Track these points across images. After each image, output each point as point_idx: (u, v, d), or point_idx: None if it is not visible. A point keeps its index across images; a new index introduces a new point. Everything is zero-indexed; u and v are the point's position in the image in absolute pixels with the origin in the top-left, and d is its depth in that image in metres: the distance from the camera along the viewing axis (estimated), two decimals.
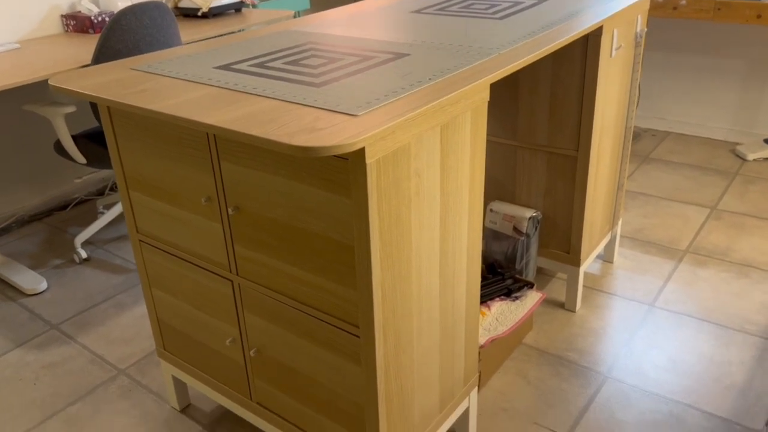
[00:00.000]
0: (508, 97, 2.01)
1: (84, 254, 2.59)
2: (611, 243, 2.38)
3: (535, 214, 2.04)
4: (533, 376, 1.88)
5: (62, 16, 2.78)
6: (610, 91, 1.95)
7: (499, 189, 2.15)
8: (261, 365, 1.45)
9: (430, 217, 1.25)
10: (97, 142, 2.39)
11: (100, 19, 2.70)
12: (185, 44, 1.66)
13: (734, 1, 2.85)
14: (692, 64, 3.44)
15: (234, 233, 1.32)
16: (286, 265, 1.26)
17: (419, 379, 1.37)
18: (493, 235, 2.14)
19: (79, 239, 2.60)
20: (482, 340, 1.77)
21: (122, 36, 2.15)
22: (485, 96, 1.31)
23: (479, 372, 1.79)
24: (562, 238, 2.07)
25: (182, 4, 2.97)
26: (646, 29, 3.51)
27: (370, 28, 1.72)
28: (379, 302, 1.16)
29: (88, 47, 2.45)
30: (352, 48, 1.51)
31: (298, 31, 1.71)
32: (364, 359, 1.22)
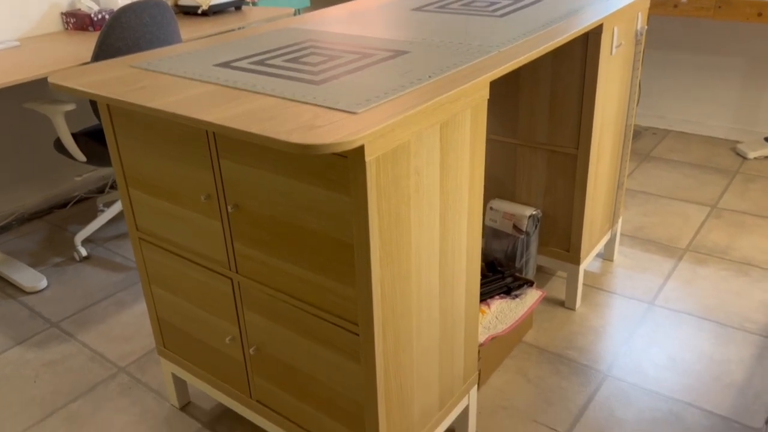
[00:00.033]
0: (508, 95, 2.00)
1: (84, 252, 2.59)
2: (611, 241, 2.38)
3: (535, 213, 2.04)
4: (533, 375, 1.88)
5: (62, 14, 2.78)
6: (611, 89, 1.94)
7: (499, 187, 2.15)
8: (261, 363, 1.45)
9: (430, 215, 1.25)
10: (97, 140, 2.39)
11: (100, 16, 2.70)
12: (185, 42, 1.65)
13: None
14: (693, 62, 3.44)
15: (233, 231, 1.32)
16: (285, 263, 1.26)
17: (419, 377, 1.37)
18: (493, 234, 2.14)
19: (79, 237, 2.60)
20: (482, 339, 1.77)
21: (122, 34, 2.14)
22: (485, 94, 1.31)
23: (479, 370, 1.79)
24: (562, 236, 2.07)
25: (182, 2, 2.96)
26: (647, 27, 3.50)
27: (370, 25, 1.71)
28: (378, 300, 1.16)
29: (88, 45, 2.45)
30: (352, 45, 1.51)
31: (298, 29, 1.71)
32: (363, 357, 1.22)
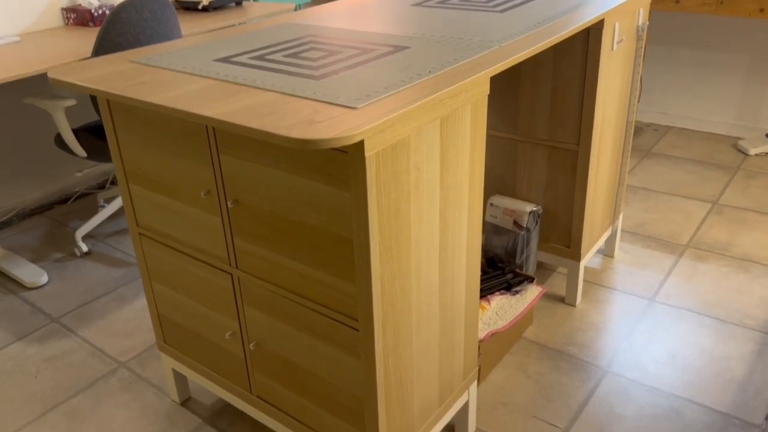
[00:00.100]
0: (509, 90, 2.00)
1: (85, 248, 2.59)
2: (612, 237, 2.38)
3: (535, 209, 2.04)
4: (533, 371, 1.88)
5: (62, 9, 2.77)
6: (612, 85, 1.94)
7: (500, 183, 2.15)
8: (261, 359, 1.45)
9: (430, 210, 1.25)
10: (97, 136, 2.39)
11: (100, 12, 2.70)
12: (185, 37, 1.65)
13: None
14: (694, 58, 3.43)
15: (233, 227, 1.32)
16: (285, 258, 1.26)
17: (418, 373, 1.37)
18: (493, 230, 2.14)
19: (80, 233, 2.60)
20: (482, 335, 1.77)
21: (122, 29, 2.14)
22: (485, 89, 1.31)
23: (479, 366, 1.79)
24: (563, 232, 2.07)
25: None
26: (648, 23, 3.49)
27: (370, 20, 1.71)
28: (378, 296, 1.16)
29: (88, 40, 2.44)
30: (352, 41, 1.50)
31: (298, 24, 1.71)
32: (363, 353, 1.22)
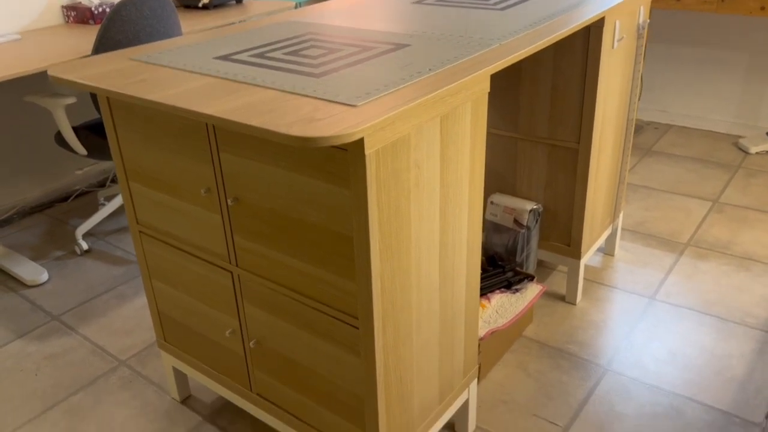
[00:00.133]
0: (509, 88, 2.00)
1: (85, 246, 2.59)
2: (612, 236, 2.38)
3: (535, 207, 2.04)
4: (533, 369, 1.88)
5: (63, 7, 2.77)
6: (612, 83, 1.94)
7: (500, 181, 2.14)
8: (261, 356, 1.45)
9: (430, 208, 1.25)
10: (97, 134, 2.39)
11: (100, 10, 2.70)
12: (185, 35, 1.65)
13: None
14: (695, 56, 3.43)
15: (233, 224, 1.32)
16: (285, 256, 1.26)
17: (418, 371, 1.37)
18: (493, 228, 2.13)
19: (80, 231, 2.60)
20: (482, 333, 1.77)
21: (122, 27, 2.14)
22: (486, 87, 1.31)
23: (479, 364, 1.79)
24: (563, 230, 2.07)
25: None
26: (649, 21, 3.49)
27: (370, 18, 1.71)
28: (378, 294, 1.16)
29: (88, 38, 2.44)
30: (352, 38, 1.50)
31: (299, 22, 1.71)
32: (363, 351, 1.22)
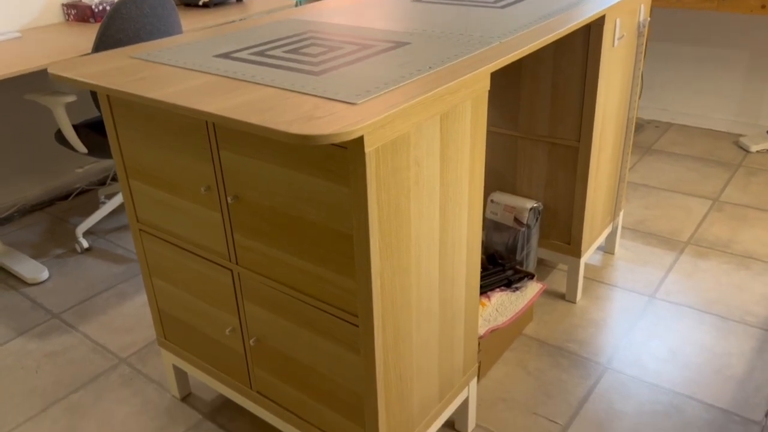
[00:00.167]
0: (509, 87, 2.00)
1: (85, 244, 2.59)
2: (612, 234, 2.38)
3: (536, 205, 2.04)
4: (533, 367, 1.88)
5: (63, 5, 2.77)
6: (613, 82, 1.94)
7: (500, 180, 2.14)
8: (261, 354, 1.45)
9: (430, 206, 1.25)
10: (98, 132, 2.39)
11: (100, 8, 2.70)
12: (185, 33, 1.65)
13: None
14: (695, 54, 3.42)
15: (233, 222, 1.32)
16: (285, 254, 1.26)
17: (418, 369, 1.37)
18: (494, 226, 2.13)
19: (81, 229, 2.60)
20: (482, 331, 1.77)
21: (122, 25, 2.14)
22: (486, 85, 1.31)
23: (479, 362, 1.79)
24: (563, 229, 2.07)
25: None
26: (649, 19, 3.49)
27: (370, 16, 1.71)
28: (378, 292, 1.16)
29: (88, 36, 2.44)
30: (352, 37, 1.50)
31: (299, 20, 1.71)
32: (363, 349, 1.22)
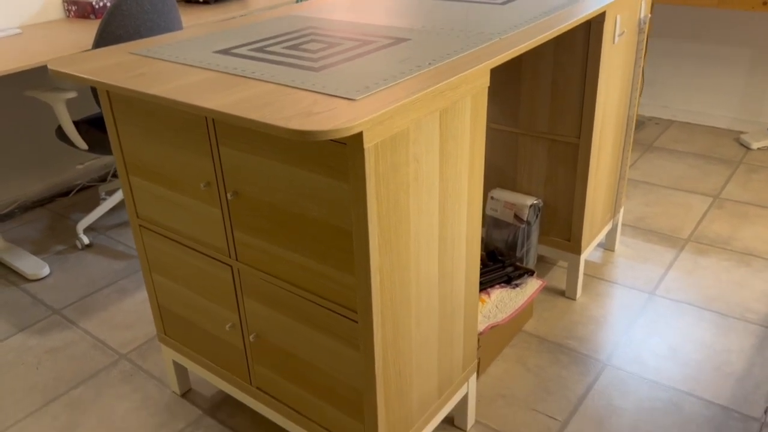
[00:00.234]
0: (509, 83, 2.00)
1: (86, 240, 2.60)
2: (613, 231, 2.38)
3: (536, 202, 2.04)
4: (532, 364, 1.89)
5: (64, 2, 2.77)
6: (613, 78, 1.93)
7: (500, 176, 2.14)
8: (260, 350, 1.46)
9: (429, 202, 1.25)
10: (98, 128, 2.39)
11: (101, 4, 2.70)
12: (186, 29, 1.65)
13: None
14: (697, 51, 3.42)
15: (233, 218, 1.32)
16: (285, 250, 1.26)
17: (417, 365, 1.37)
18: (493, 223, 2.13)
19: (82, 225, 2.60)
20: (482, 327, 1.77)
21: (123, 21, 2.14)
22: (485, 81, 1.31)
23: (478, 358, 1.79)
24: (563, 225, 2.07)
25: None
26: (650, 15, 3.48)
27: (370, 12, 1.71)
28: (377, 288, 1.16)
29: (89, 32, 2.44)
30: (352, 33, 1.50)
31: (299, 16, 1.70)
32: (362, 345, 1.22)
